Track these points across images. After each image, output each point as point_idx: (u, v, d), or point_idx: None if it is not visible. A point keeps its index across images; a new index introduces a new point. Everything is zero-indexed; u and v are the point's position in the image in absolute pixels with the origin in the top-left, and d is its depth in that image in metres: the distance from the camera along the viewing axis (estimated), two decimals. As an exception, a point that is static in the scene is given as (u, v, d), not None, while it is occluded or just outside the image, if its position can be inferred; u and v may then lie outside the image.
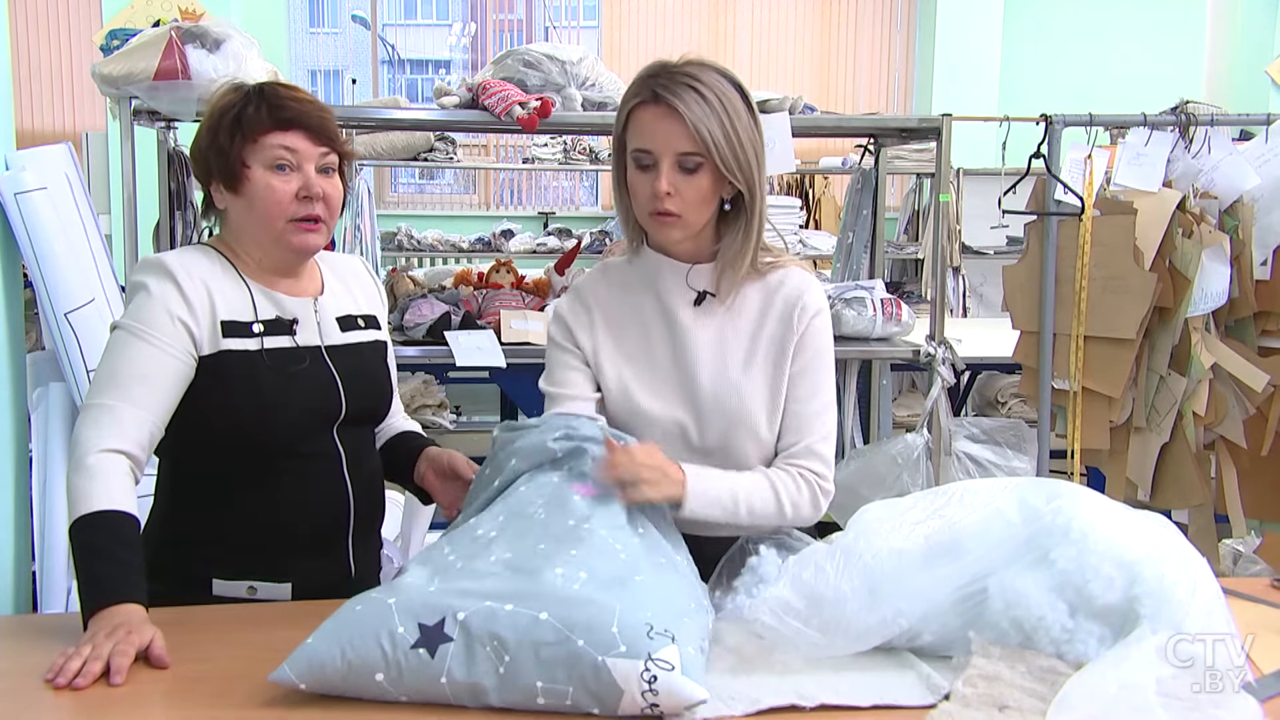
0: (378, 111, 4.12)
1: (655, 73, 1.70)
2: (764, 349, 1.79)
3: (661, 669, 1.31)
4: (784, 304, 1.80)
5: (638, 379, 1.81)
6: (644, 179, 1.71)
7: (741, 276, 1.79)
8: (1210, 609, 1.41)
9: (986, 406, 5.17)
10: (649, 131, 1.69)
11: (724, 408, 1.78)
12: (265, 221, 1.80)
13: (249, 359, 1.78)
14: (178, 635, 1.56)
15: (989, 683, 1.37)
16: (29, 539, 2.86)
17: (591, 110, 3.46)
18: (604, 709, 1.32)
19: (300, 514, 1.82)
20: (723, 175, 1.70)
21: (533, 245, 7.31)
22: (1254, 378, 3.09)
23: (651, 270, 1.83)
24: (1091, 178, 3.23)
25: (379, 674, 1.34)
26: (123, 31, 3.28)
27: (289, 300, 1.85)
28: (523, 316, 3.58)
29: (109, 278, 3.01)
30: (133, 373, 1.70)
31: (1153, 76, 7.18)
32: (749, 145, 1.71)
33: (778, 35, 8.39)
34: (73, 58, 7.14)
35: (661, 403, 1.80)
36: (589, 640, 1.32)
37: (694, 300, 1.81)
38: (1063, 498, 1.49)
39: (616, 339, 1.83)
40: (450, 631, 1.34)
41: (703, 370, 1.79)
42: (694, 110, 1.65)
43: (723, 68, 1.73)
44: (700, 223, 1.75)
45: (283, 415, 1.79)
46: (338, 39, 10.35)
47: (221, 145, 1.77)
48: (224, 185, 1.80)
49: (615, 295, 1.86)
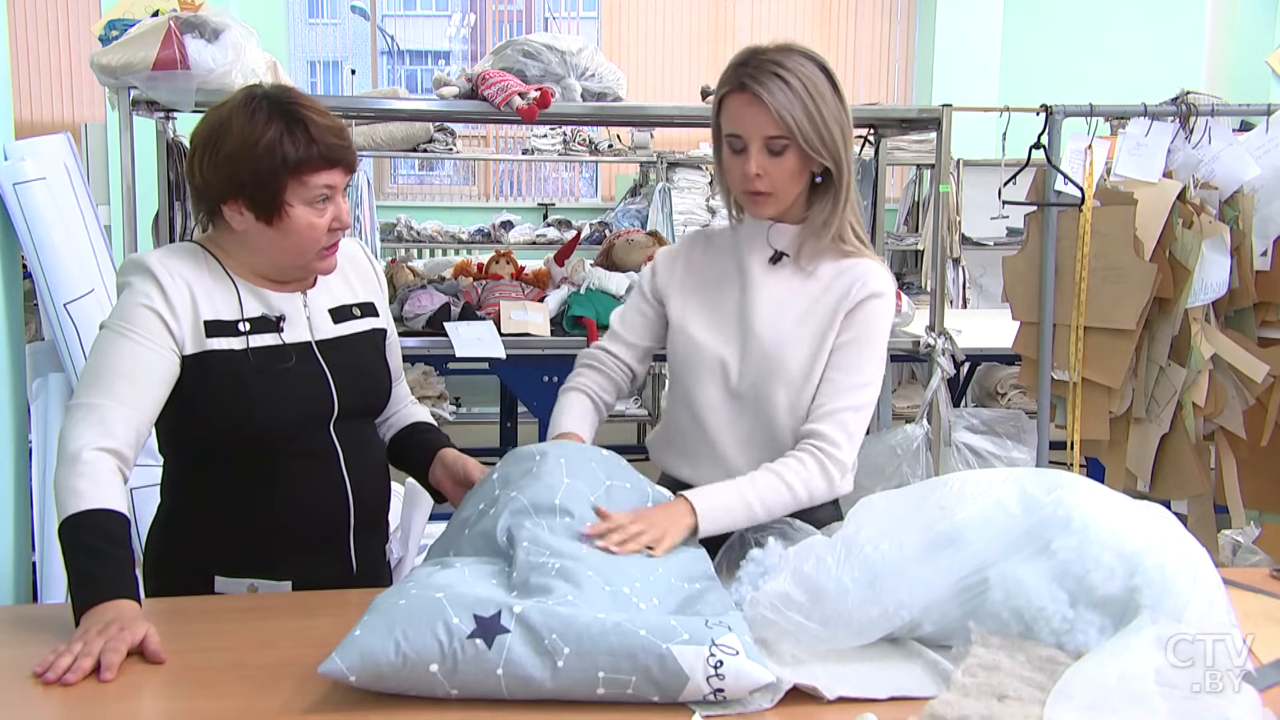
0: (377, 102, 4.11)
1: (744, 61, 1.81)
2: (819, 311, 1.87)
3: (727, 654, 1.33)
4: (848, 280, 1.88)
5: (699, 313, 1.93)
6: (737, 161, 1.83)
7: (823, 249, 1.89)
8: (1210, 599, 1.41)
9: (986, 397, 5.18)
10: (738, 117, 1.81)
11: (766, 351, 1.86)
12: (296, 254, 1.78)
13: (233, 359, 1.76)
14: (179, 625, 1.57)
15: (988, 672, 1.38)
16: (29, 529, 2.86)
17: (591, 101, 3.45)
18: (664, 696, 1.34)
19: (298, 512, 1.81)
20: (809, 155, 1.80)
21: (532, 236, 7.30)
22: (1253, 368, 3.09)
23: (742, 236, 1.95)
24: (1091, 168, 3.23)
25: (433, 665, 1.33)
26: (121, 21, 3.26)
27: (275, 296, 1.83)
28: (522, 307, 3.58)
29: (108, 268, 3.01)
30: (118, 370, 1.69)
31: (1153, 67, 7.16)
32: (834, 124, 1.80)
33: (778, 26, 8.36)
34: (71, 48, 7.12)
35: (713, 337, 1.90)
36: (651, 630, 1.34)
37: (770, 258, 1.91)
38: (1063, 488, 1.50)
39: (693, 285, 1.97)
40: (507, 624, 1.35)
41: (758, 316, 1.88)
42: (777, 97, 1.76)
43: (809, 51, 1.83)
44: (790, 198, 1.87)
45: (272, 414, 1.77)
46: (337, 29, 10.33)
47: (264, 181, 1.71)
48: (255, 215, 1.74)
49: (706, 252, 2.00)
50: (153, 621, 1.51)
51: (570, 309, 3.61)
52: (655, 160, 6.95)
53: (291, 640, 1.54)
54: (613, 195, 8.27)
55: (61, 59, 7.19)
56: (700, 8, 8.34)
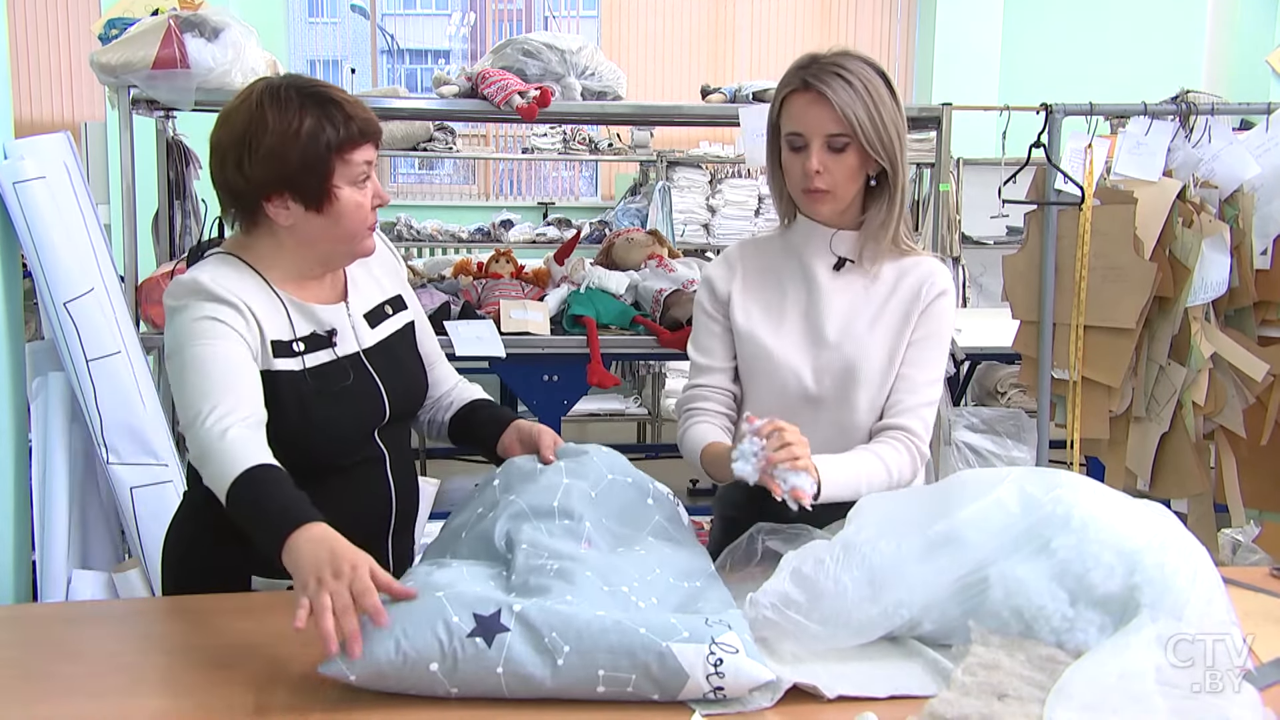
0: (377, 101, 4.09)
1: (806, 64, 1.84)
2: (891, 313, 1.90)
3: (727, 652, 1.33)
4: (915, 280, 1.92)
5: (766, 322, 1.93)
6: (797, 159, 1.85)
7: (884, 251, 1.92)
8: (1210, 597, 1.41)
9: (986, 396, 5.17)
10: (800, 116, 1.84)
11: (844, 355, 1.88)
12: (349, 237, 1.74)
13: (295, 380, 1.72)
14: (185, 623, 1.56)
15: (988, 671, 1.38)
16: (29, 528, 2.86)
17: (591, 100, 3.45)
18: (664, 694, 1.34)
19: (344, 517, 1.73)
20: (868, 154, 1.83)
21: (532, 235, 7.30)
22: (1253, 367, 3.09)
23: (799, 238, 1.96)
24: (1091, 167, 3.23)
25: (433, 664, 1.33)
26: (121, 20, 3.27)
27: (323, 310, 1.78)
28: (522, 306, 3.58)
29: (108, 267, 3.01)
30: (215, 372, 1.61)
31: (1153, 66, 7.16)
32: (891, 127, 1.84)
33: (777, 25, 8.37)
34: (71, 46, 7.12)
35: (785, 345, 1.91)
36: (651, 629, 1.34)
37: (834, 265, 1.93)
38: (1063, 487, 1.49)
39: (754, 290, 1.97)
40: (506, 622, 1.35)
41: (830, 324, 1.90)
42: (840, 95, 1.80)
43: (868, 57, 1.86)
44: (848, 198, 1.88)
45: (332, 432, 1.75)
46: (336, 29, 10.33)
47: (313, 167, 1.67)
48: (305, 205, 1.70)
49: (760, 257, 2.00)
50: (159, 620, 1.50)
51: (570, 308, 3.61)
52: (655, 159, 6.95)
53: (298, 638, 1.54)
54: (613, 194, 8.27)
55: (61, 58, 7.19)
56: (700, 7, 8.34)
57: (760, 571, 1.60)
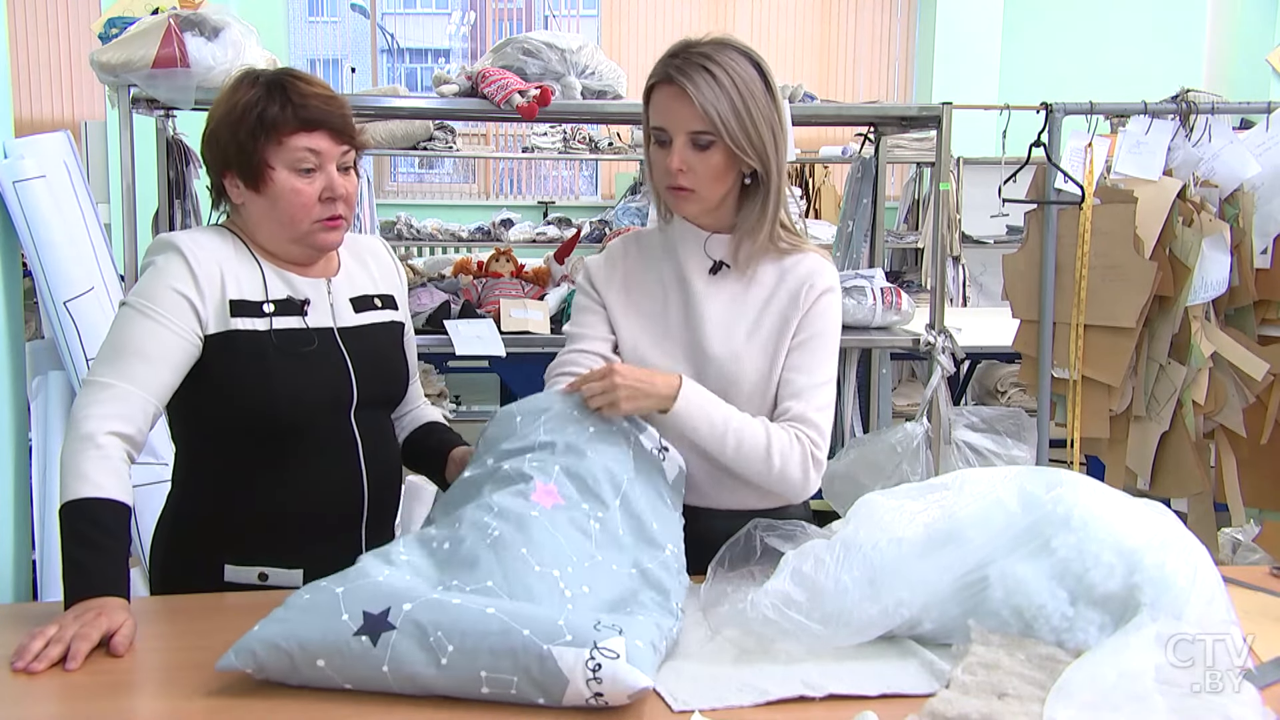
0: (377, 100, 4.10)
1: (674, 53, 1.77)
2: (769, 321, 1.83)
3: (606, 657, 1.30)
4: (795, 281, 1.84)
5: (648, 335, 1.87)
6: (661, 155, 1.79)
7: (758, 251, 1.84)
8: (1210, 597, 1.42)
9: (986, 395, 5.17)
10: (664, 110, 1.77)
11: (723, 372, 1.81)
12: (289, 223, 1.78)
13: (257, 339, 1.77)
14: (176, 623, 1.56)
15: (988, 670, 1.38)
16: (29, 527, 2.86)
17: (591, 99, 3.45)
18: (549, 699, 1.31)
19: (314, 500, 1.82)
20: (735, 154, 1.74)
21: (532, 234, 7.30)
22: (1254, 366, 3.09)
23: (675, 238, 1.89)
24: (1092, 166, 3.23)
25: (320, 660, 1.34)
26: (121, 19, 3.26)
27: (301, 280, 1.84)
28: (522, 305, 3.58)
29: (108, 266, 3.01)
30: (139, 350, 1.70)
31: (1153, 65, 7.16)
32: (764, 125, 1.75)
33: (778, 23, 8.37)
34: (71, 45, 7.12)
35: (669, 361, 1.84)
36: (535, 631, 1.32)
37: (710, 269, 1.86)
38: (1063, 486, 1.50)
39: (634, 298, 1.90)
40: (394, 620, 1.34)
41: (709, 335, 1.83)
42: (704, 92, 1.71)
43: (744, 46, 1.78)
44: (715, 198, 1.81)
45: (292, 397, 1.78)
46: (337, 28, 10.32)
47: (243, 143, 1.74)
48: (243, 183, 1.77)
49: (640, 259, 1.93)
50: (159, 620, 1.50)
51: (570, 307, 3.61)
52: (655, 158, 6.93)
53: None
54: (613, 193, 8.27)
55: (61, 57, 7.19)
56: (700, 6, 8.35)
57: (759, 570, 1.60)
